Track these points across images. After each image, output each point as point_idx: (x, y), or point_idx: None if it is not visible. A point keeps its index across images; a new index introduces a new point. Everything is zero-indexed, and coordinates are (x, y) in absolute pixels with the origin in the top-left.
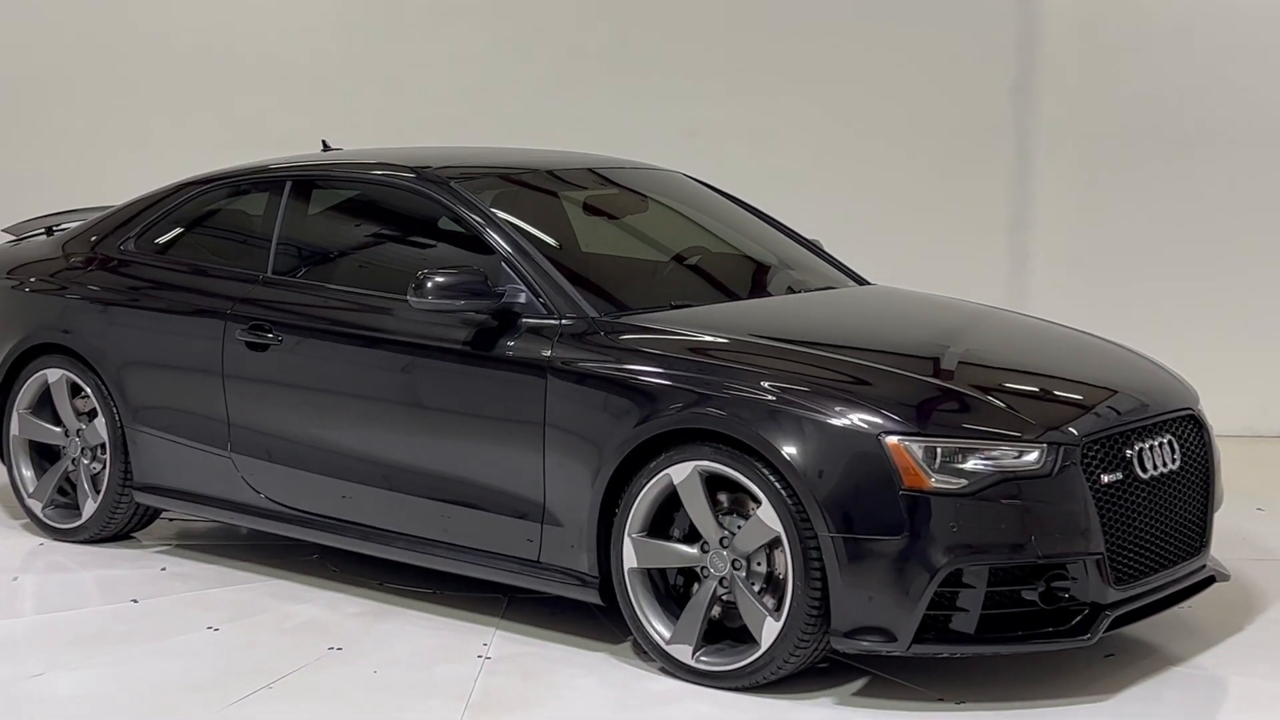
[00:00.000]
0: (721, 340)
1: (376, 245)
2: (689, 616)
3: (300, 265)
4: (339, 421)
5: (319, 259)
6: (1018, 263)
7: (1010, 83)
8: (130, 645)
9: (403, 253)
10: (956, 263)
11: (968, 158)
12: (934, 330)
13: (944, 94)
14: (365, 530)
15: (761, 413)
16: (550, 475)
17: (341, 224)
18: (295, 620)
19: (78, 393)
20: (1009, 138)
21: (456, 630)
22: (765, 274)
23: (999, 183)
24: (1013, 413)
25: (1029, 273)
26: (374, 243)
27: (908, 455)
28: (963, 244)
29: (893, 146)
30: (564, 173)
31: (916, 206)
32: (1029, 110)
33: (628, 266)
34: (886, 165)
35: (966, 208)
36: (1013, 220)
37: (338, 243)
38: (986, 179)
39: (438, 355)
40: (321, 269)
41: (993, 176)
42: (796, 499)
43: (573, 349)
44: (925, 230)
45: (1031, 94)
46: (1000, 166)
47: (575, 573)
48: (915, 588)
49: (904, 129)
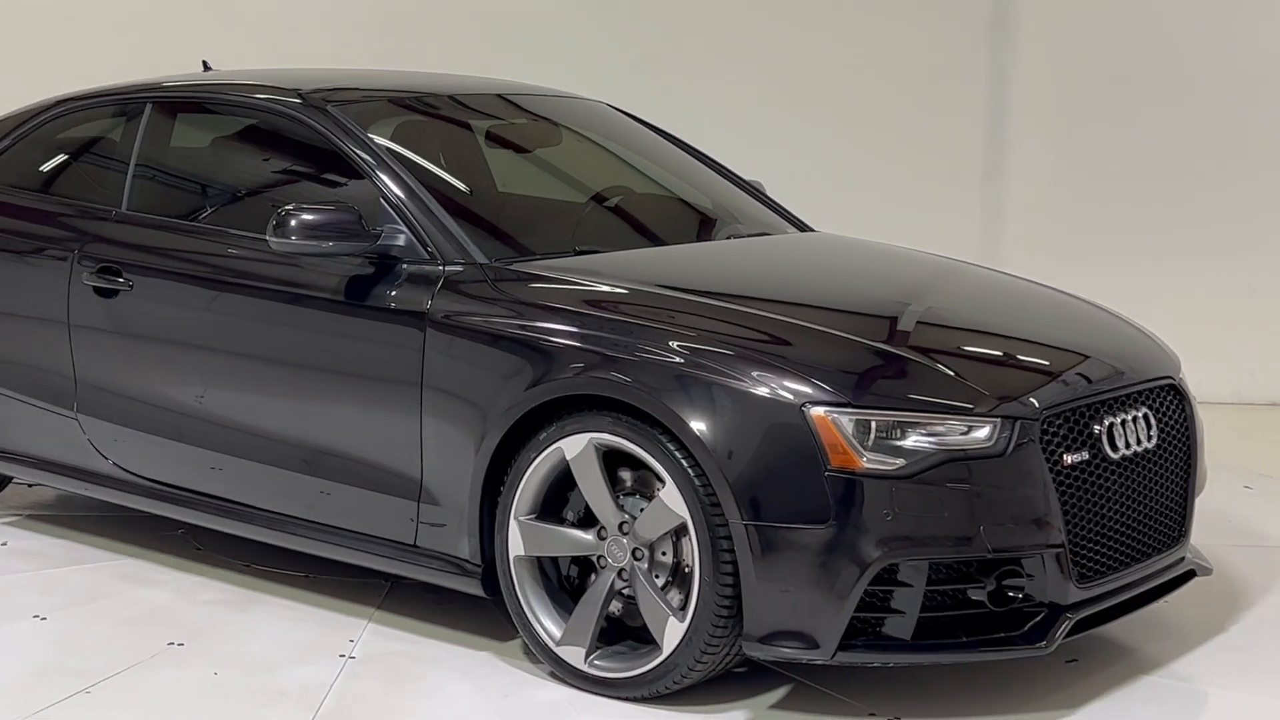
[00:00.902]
0: (628, 292)
1: (248, 178)
2: (582, 613)
3: (160, 200)
4: (194, 380)
5: (181, 193)
6: (991, 213)
7: (987, 19)
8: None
9: (277, 188)
10: (925, 213)
11: (939, 99)
12: (880, 285)
13: (915, 30)
14: (223, 505)
15: (667, 378)
16: (428, 445)
17: (208, 154)
18: (138, 608)
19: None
20: (984, 78)
21: (324, 623)
22: (693, 218)
23: (972, 127)
24: (961, 381)
25: (1003, 224)
26: (245, 176)
27: (835, 430)
28: (932, 193)
29: (857, 86)
30: (467, 98)
31: (882, 151)
32: (1006, 49)
33: (530, 206)
34: (850, 106)
35: (937, 154)
36: (987, 168)
37: (203, 175)
38: (959, 123)
39: (305, 305)
40: (184, 205)
41: (966, 120)
42: (705, 479)
43: (455, 299)
44: (892, 177)
45: (1010, 32)
46: (974, 110)
47: (455, 559)
48: (842, 585)
49: (870, 67)
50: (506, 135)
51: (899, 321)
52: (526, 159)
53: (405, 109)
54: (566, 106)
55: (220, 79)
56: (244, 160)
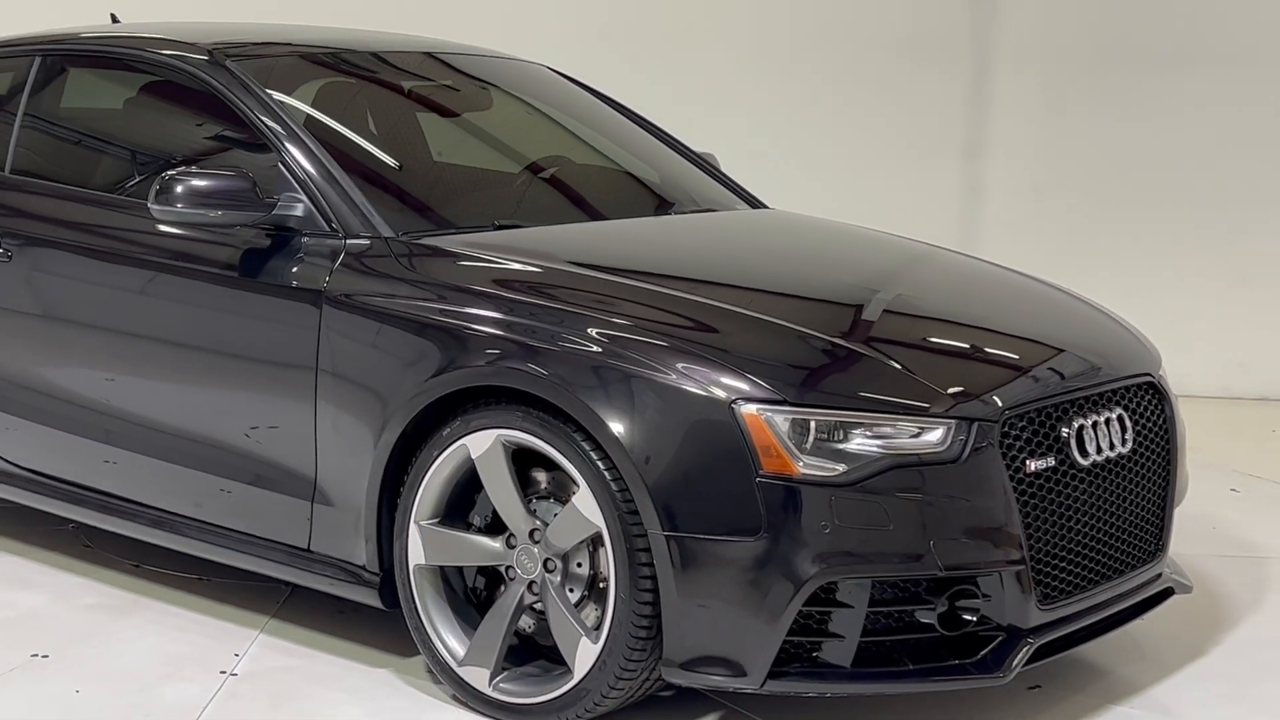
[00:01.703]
0: (549, 272)
1: (144, 141)
2: (488, 630)
3: (47, 164)
4: (74, 362)
5: (71, 157)
6: (971, 193)
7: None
8: None
9: (175, 152)
10: (901, 193)
11: (917, 72)
12: (838, 269)
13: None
14: (106, 501)
15: (586, 370)
16: (323, 440)
17: (103, 114)
18: (7, 613)
19: None
20: (965, 52)
21: (211, 633)
22: (637, 193)
23: (953, 103)
24: (912, 377)
25: (983, 205)
26: (141, 138)
27: (769, 430)
28: (909, 171)
29: (833, 58)
30: (390, 56)
31: (856, 127)
32: (989, 22)
33: (449, 175)
34: (822, 78)
35: (914, 130)
36: (967, 145)
37: (96, 137)
38: (939, 98)
39: (194, 280)
40: (73, 169)
41: (946, 96)
42: (623, 484)
43: (356, 276)
44: (868, 155)
45: (993, 3)
46: (955, 85)
47: (351, 566)
48: (773, 605)
49: (843, 37)
50: (431, 96)
51: (861, 311)
52: (452, 123)
53: (319, 66)
54: (501, 68)
55: (121, 32)
56: (141, 121)
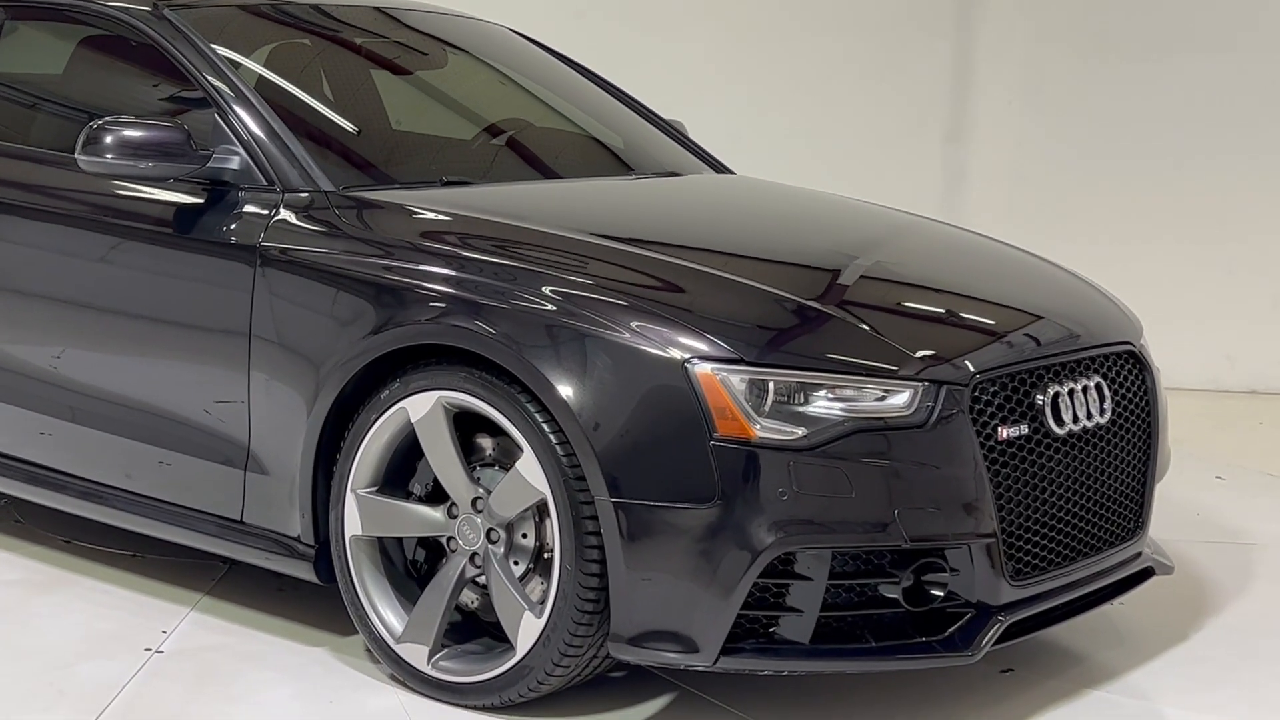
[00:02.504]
0: (495, 226)
1: (82, 96)
2: (427, 605)
3: None
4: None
5: (4, 110)
6: (952, 179)
7: None
8: None
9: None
10: (881, 176)
11: (899, 55)
12: (805, 232)
13: None
14: (34, 472)
15: (534, 328)
16: (256, 404)
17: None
18: None
19: None
20: (947, 34)
21: (138, 610)
22: (600, 157)
23: (934, 86)
24: (879, 338)
25: (964, 190)
26: (79, 93)
27: (723, 391)
28: (890, 155)
29: (812, 39)
30: (339, 10)
31: (834, 108)
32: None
33: (395, 131)
34: (804, 60)
35: (896, 113)
36: (948, 129)
37: (30, 91)
38: (920, 81)
39: (123, 236)
40: (6, 123)
41: (927, 78)
42: (570, 448)
43: (292, 232)
44: (847, 138)
45: None
46: (936, 67)
47: (284, 538)
48: (726, 577)
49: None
50: (380, 52)
51: (838, 275)
52: (404, 81)
53: (265, 20)
54: (457, 26)
55: None
56: (80, 75)
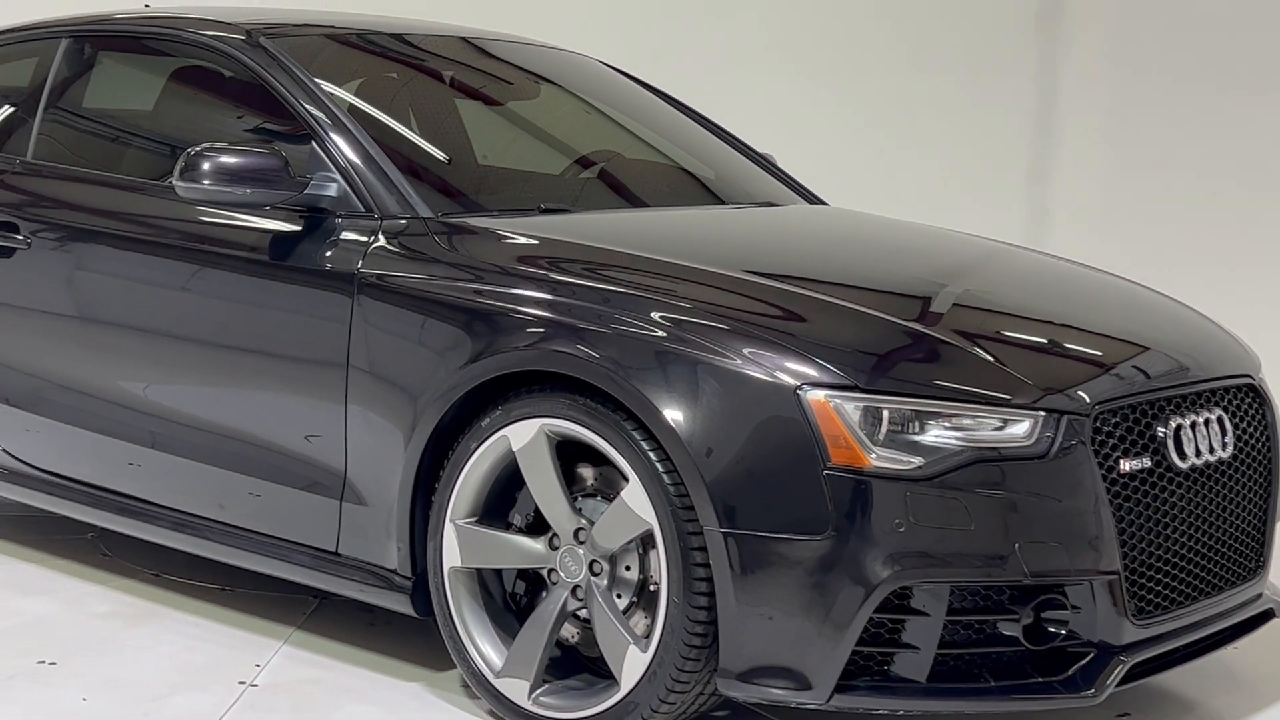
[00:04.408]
0: (599, 253)
1: (173, 124)
2: (527, 639)
3: (71, 148)
4: (92, 354)
5: (96, 141)
6: (1035, 218)
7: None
8: None
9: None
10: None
11: (982, 93)
12: (907, 260)
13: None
14: (125, 503)
15: (641, 354)
16: (353, 432)
17: (132, 97)
18: (14, 620)
19: None
20: (1030, 70)
21: (232, 643)
22: (691, 187)
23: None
24: (999, 367)
25: (1048, 229)
26: (170, 121)
27: (838, 419)
28: (972, 194)
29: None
30: (430, 41)
31: (920, 148)
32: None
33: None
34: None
35: (978, 152)
36: (1031, 168)
37: (124, 121)
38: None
39: (219, 266)
40: (98, 154)
41: (1010, 116)
42: (677, 478)
43: (391, 259)
44: (927, 175)
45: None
46: (1020, 104)
47: (381, 570)
48: (841, 612)
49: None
50: (472, 83)
51: (923, 302)
52: (496, 111)
53: (357, 49)
54: (546, 58)
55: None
56: (172, 103)
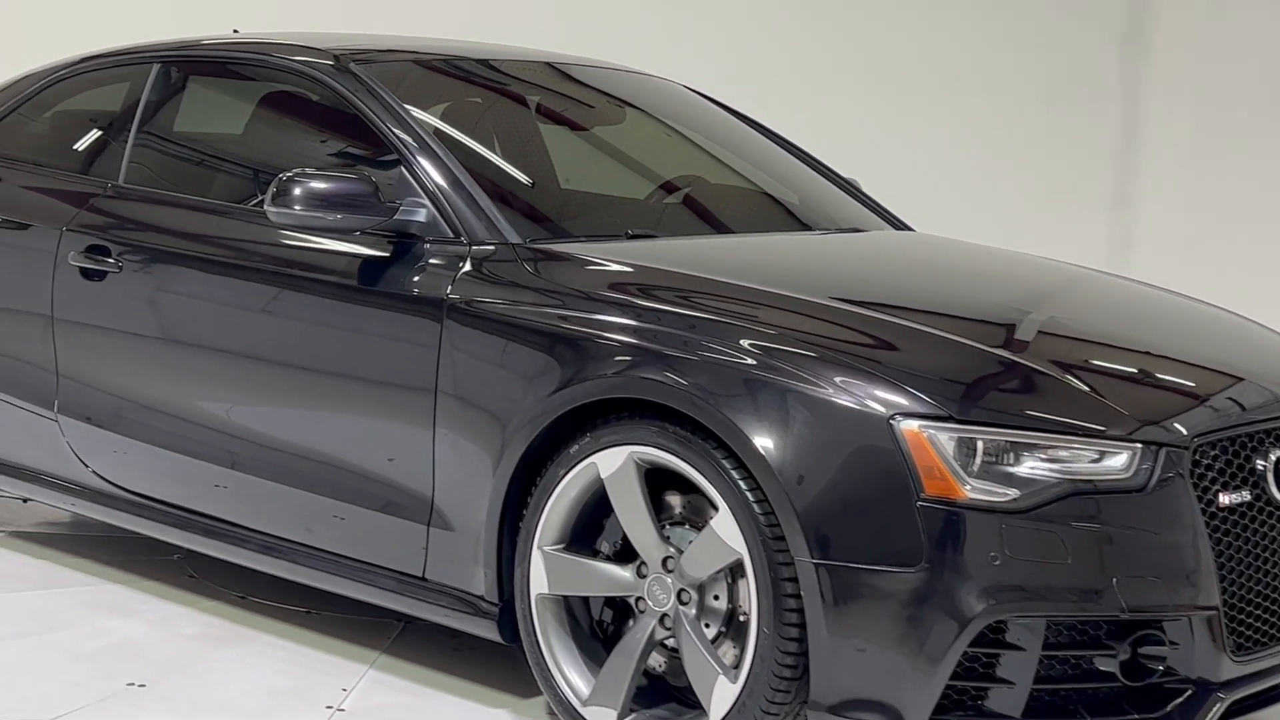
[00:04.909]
0: (688, 280)
1: (263, 149)
2: (615, 667)
3: (162, 172)
4: (181, 377)
5: (186, 165)
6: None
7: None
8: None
9: (296, 159)
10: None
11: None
12: (998, 287)
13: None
14: (214, 526)
15: (731, 382)
16: (441, 459)
17: (222, 121)
18: (104, 641)
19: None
20: (1114, 96)
21: (317, 667)
22: (775, 213)
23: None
24: (1096, 397)
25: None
26: (260, 146)
27: (932, 450)
28: (1053, 221)
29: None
30: (515, 67)
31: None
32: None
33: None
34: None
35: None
36: (1115, 195)
37: (213, 145)
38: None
39: (307, 290)
40: (188, 178)
41: (1093, 142)
42: (768, 507)
43: (480, 284)
44: (1009, 202)
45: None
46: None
47: (468, 596)
48: (935, 646)
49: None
50: (559, 108)
51: (1014, 329)
52: (582, 136)
53: (444, 75)
54: (630, 82)
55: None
56: (261, 128)
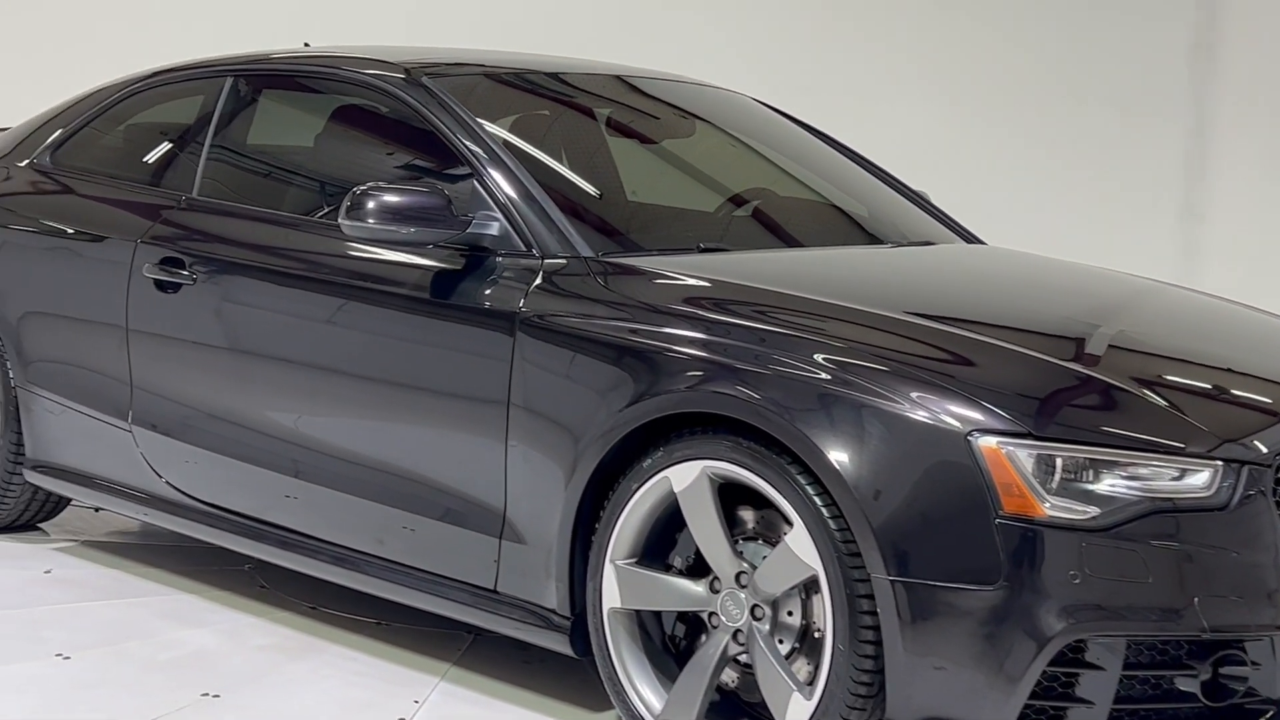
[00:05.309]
0: (761, 294)
1: (336, 162)
2: (688, 683)
3: (236, 185)
4: (253, 389)
5: (260, 178)
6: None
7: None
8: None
9: (368, 171)
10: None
11: (1133, 128)
12: (1071, 301)
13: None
14: (286, 537)
15: (806, 396)
16: (513, 473)
17: (295, 134)
18: (177, 651)
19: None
20: (1184, 105)
21: (389, 678)
22: (845, 226)
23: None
24: (1176, 414)
25: (1200, 271)
26: (333, 158)
27: (1010, 467)
28: (1121, 231)
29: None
30: (584, 80)
31: (1068, 184)
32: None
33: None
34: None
35: (1129, 189)
36: (1184, 206)
37: (286, 159)
38: (1155, 154)
39: (380, 304)
40: (262, 191)
41: (1163, 152)
42: (844, 523)
43: (552, 298)
44: (1077, 212)
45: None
46: (1172, 140)
47: (540, 609)
48: (1014, 665)
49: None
50: (629, 122)
51: (1098, 341)
52: (650, 149)
53: (513, 88)
54: (699, 95)
55: (314, 53)
56: (334, 142)
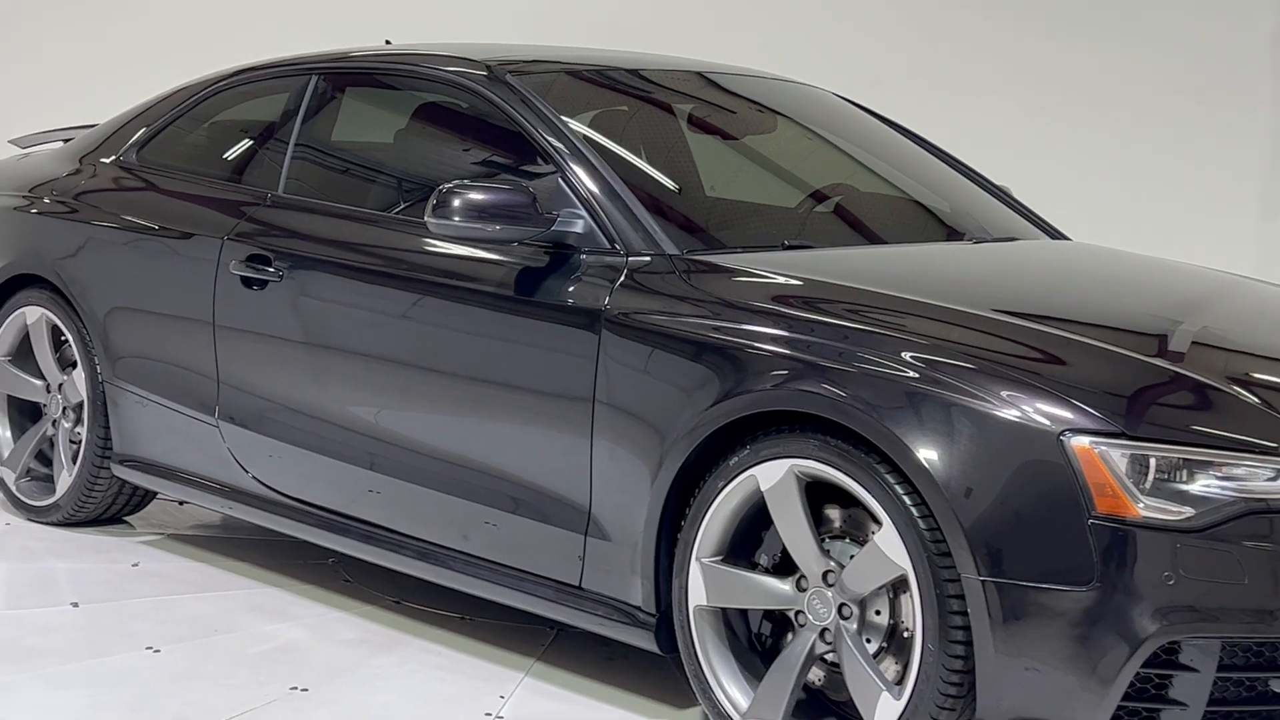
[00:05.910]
0: (846, 291)
1: (420, 159)
2: (775, 681)
3: (320, 182)
4: (338, 384)
5: (345, 176)
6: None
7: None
8: (31, 665)
9: (452, 169)
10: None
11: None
12: (1159, 298)
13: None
14: (370, 531)
15: (894, 394)
16: (599, 470)
17: (379, 132)
18: (266, 645)
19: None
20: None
21: (474, 673)
22: (927, 222)
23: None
24: (1269, 412)
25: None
26: (417, 156)
27: (1103, 467)
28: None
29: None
30: (665, 76)
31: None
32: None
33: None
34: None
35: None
36: (1265, 203)
37: (372, 155)
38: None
39: (464, 300)
40: (347, 188)
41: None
42: (934, 523)
43: (637, 295)
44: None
45: None
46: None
47: (625, 606)
48: (1107, 666)
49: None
50: (710, 119)
51: (1185, 339)
52: (732, 145)
53: (594, 85)
54: (780, 91)
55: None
56: (417, 139)
